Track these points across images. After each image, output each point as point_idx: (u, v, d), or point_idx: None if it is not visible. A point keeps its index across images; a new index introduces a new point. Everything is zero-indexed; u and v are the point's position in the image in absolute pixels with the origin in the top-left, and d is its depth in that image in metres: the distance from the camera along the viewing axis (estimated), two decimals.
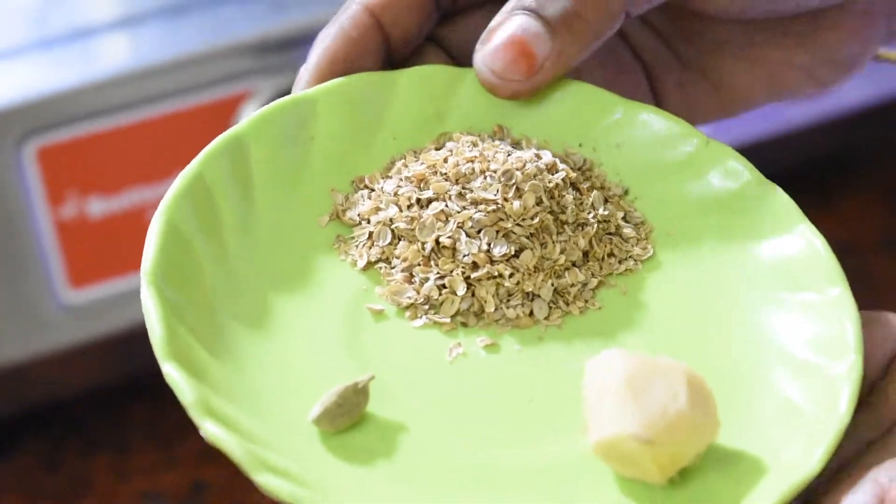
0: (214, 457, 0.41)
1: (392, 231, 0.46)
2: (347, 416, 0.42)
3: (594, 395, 0.41)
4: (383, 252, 0.46)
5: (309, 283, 0.45)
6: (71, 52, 0.78)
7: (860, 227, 0.95)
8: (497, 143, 0.47)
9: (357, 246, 0.46)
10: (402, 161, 0.47)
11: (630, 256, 0.47)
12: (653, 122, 0.49)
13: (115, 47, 0.79)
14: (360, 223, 0.46)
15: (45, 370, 0.77)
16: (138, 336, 0.78)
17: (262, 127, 0.46)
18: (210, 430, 0.39)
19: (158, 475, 0.80)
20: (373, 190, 0.47)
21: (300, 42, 0.79)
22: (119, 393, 0.83)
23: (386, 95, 0.48)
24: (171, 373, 0.40)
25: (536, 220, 0.45)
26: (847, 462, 0.40)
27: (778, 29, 0.51)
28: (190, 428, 0.41)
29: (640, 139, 0.49)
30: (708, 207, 0.48)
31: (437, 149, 0.47)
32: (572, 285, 0.46)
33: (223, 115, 0.78)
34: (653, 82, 0.52)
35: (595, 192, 0.47)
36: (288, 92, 0.49)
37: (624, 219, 0.48)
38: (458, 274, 0.45)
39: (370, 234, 0.46)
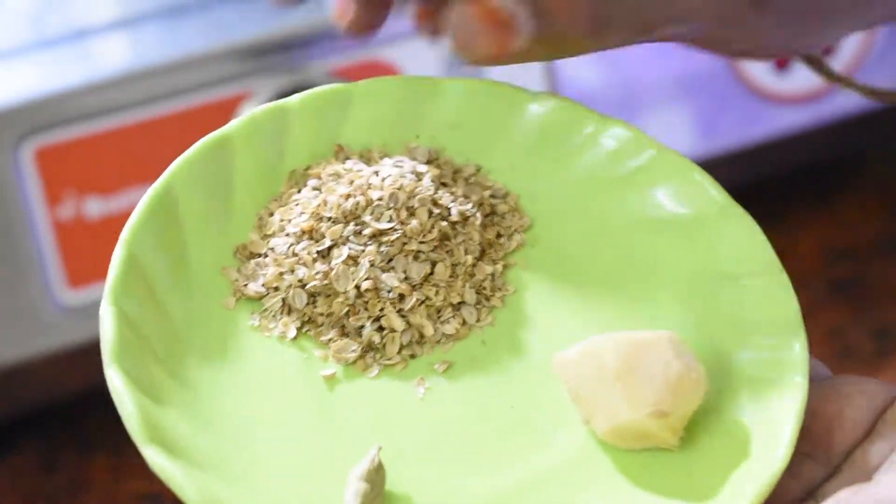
0: None
1: (306, 291, 0.45)
2: (379, 496, 0.41)
3: (586, 386, 0.42)
4: (304, 315, 0.45)
5: (251, 375, 0.44)
6: (69, 52, 0.78)
7: (859, 230, 0.95)
8: (357, 167, 0.47)
9: (275, 317, 0.45)
10: (273, 216, 0.46)
11: (514, 231, 0.47)
12: (481, 92, 0.48)
13: (114, 48, 0.79)
14: (267, 293, 0.45)
15: (43, 371, 0.77)
16: None
17: (141, 233, 0.45)
18: None
19: (156, 476, 0.80)
20: (261, 255, 0.46)
21: (298, 43, 0.79)
22: None
23: (227, 157, 0.46)
24: None
25: (435, 231, 0.45)
26: None
27: None
28: None
29: (474, 112, 0.48)
30: (563, 161, 0.48)
31: (298, 190, 0.47)
32: (485, 279, 0.46)
33: (221, 116, 0.78)
34: None
35: (459, 180, 0.47)
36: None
37: (491, 196, 0.48)
38: (390, 311, 0.45)
39: (283, 300, 0.45)
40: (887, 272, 0.93)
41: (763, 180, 0.86)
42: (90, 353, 0.79)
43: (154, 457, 0.40)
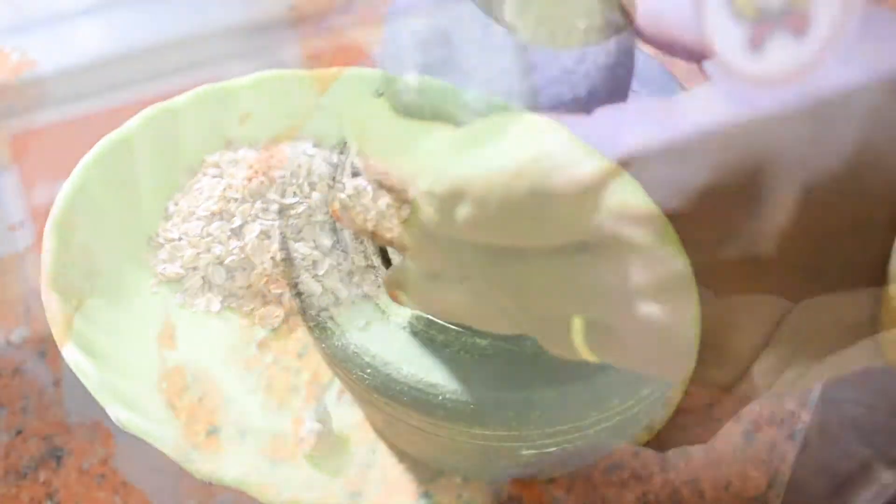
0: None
1: (224, 267, 0.48)
2: (331, 433, 0.44)
3: None
4: (225, 289, 0.48)
5: (189, 343, 0.47)
6: (47, 36, 0.78)
7: None
8: (251, 153, 0.50)
9: (195, 294, 0.48)
10: (178, 205, 0.49)
11: (403, 202, 0.51)
12: (350, 80, 0.53)
13: (92, 32, 0.79)
14: (186, 274, 0.48)
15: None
16: None
17: (69, 218, 0.47)
18: None
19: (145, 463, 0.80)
20: (175, 240, 0.49)
21: (279, 26, 0.79)
22: None
23: (129, 155, 0.50)
24: None
25: (336, 203, 0.48)
26: None
27: None
28: None
29: (344, 99, 0.53)
30: (432, 129, 0.51)
31: (199, 181, 0.50)
32: (387, 245, 0.49)
33: None
34: None
35: (347, 161, 0.50)
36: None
37: (377, 172, 0.51)
38: (306, 278, 0.47)
39: (203, 278, 0.48)
40: None
41: None
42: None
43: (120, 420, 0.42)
